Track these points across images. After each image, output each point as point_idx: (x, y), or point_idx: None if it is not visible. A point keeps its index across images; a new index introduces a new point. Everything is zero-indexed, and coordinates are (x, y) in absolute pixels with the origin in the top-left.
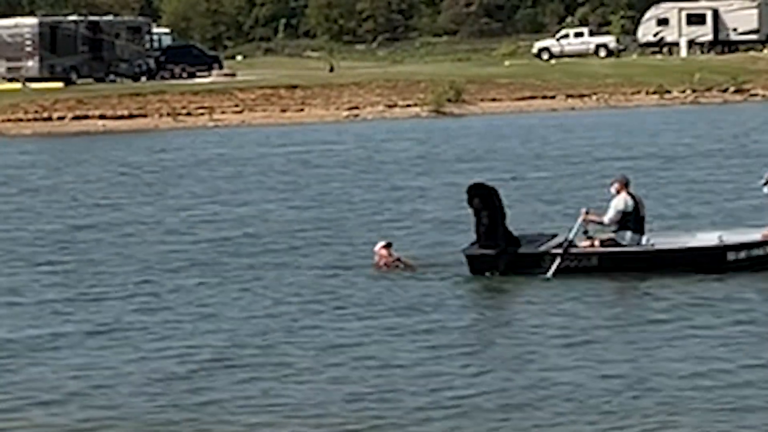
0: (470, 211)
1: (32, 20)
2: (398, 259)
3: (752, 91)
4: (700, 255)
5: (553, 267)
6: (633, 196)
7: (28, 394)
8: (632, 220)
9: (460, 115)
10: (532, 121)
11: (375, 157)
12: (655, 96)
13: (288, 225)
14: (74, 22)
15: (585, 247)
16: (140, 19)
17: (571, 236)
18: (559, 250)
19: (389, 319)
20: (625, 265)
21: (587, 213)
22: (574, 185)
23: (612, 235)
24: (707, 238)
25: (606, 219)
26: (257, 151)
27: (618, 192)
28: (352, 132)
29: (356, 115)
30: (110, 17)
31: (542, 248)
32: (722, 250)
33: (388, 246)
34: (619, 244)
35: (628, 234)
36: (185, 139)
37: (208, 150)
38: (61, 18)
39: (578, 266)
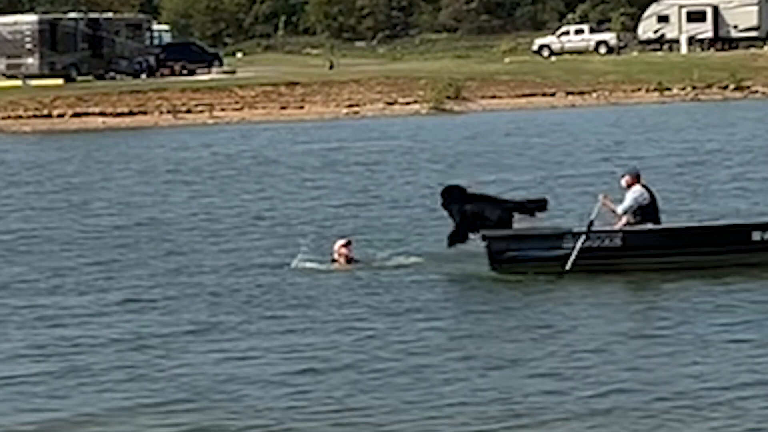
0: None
1: (32, 17)
2: (356, 260)
3: (752, 89)
4: (725, 234)
5: (575, 250)
6: (647, 188)
7: (128, 397)
8: (650, 212)
9: (460, 113)
10: (557, 117)
11: (412, 154)
12: (656, 93)
13: (333, 224)
14: (74, 19)
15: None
16: (140, 16)
17: (592, 217)
18: (582, 229)
19: (423, 323)
20: (650, 244)
21: (605, 197)
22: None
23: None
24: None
25: (620, 208)
26: (285, 149)
27: (629, 185)
28: (372, 128)
29: (356, 113)
30: (110, 14)
31: (563, 228)
32: (747, 228)
33: (347, 244)
34: None
35: (648, 226)
36: (203, 137)
37: (233, 147)
38: (61, 15)
39: (601, 246)
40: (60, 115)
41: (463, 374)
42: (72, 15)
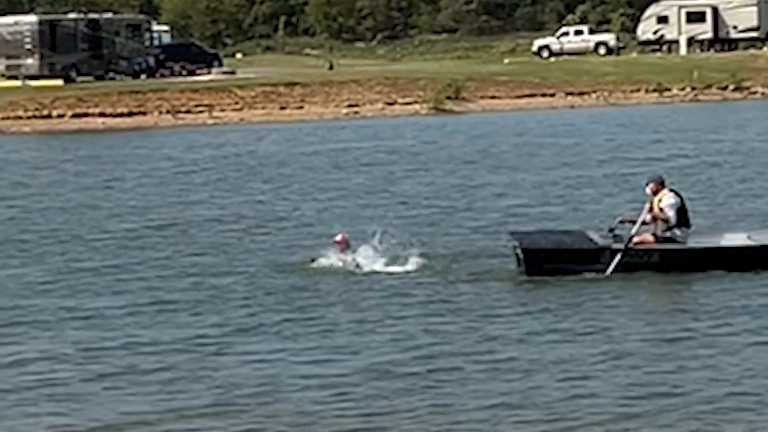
0: None
1: (32, 18)
2: (351, 251)
3: (752, 89)
4: (765, 253)
5: (612, 265)
6: (675, 192)
7: (164, 400)
8: (683, 214)
9: (460, 113)
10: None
11: (447, 153)
12: (655, 94)
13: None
14: (74, 19)
15: (644, 243)
16: (140, 16)
17: (633, 231)
18: (621, 246)
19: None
20: (688, 263)
21: (651, 212)
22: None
23: (667, 233)
24: (735, 238)
25: (672, 218)
26: (302, 149)
27: (654, 192)
28: (391, 129)
29: (356, 113)
30: (110, 15)
31: (601, 244)
32: None
33: (342, 239)
34: (675, 241)
35: (683, 229)
36: (209, 137)
37: (248, 147)
38: (60, 16)
39: (639, 263)
40: (60, 116)
41: (495, 377)
42: (72, 16)
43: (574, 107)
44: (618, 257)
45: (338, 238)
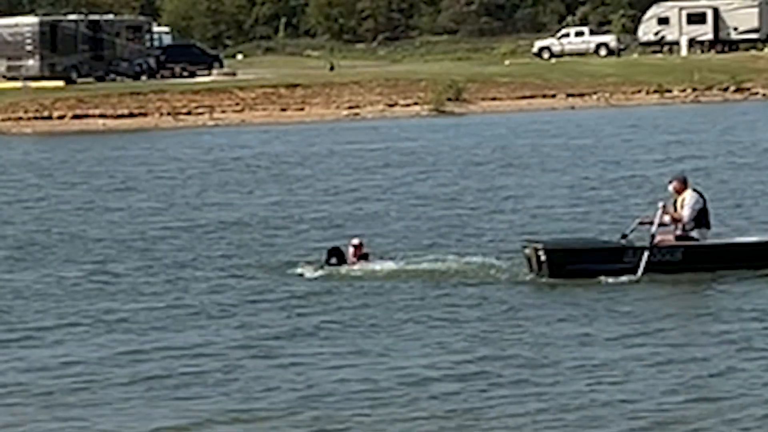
0: None
1: (33, 19)
2: (365, 256)
3: (753, 90)
4: None
5: (642, 264)
6: (699, 193)
7: (211, 406)
8: (703, 216)
9: (461, 115)
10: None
11: (478, 154)
12: (656, 95)
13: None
14: (74, 21)
15: (667, 241)
16: (141, 18)
17: (653, 230)
18: (645, 244)
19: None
20: (713, 258)
21: (664, 207)
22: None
23: (685, 233)
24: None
25: (686, 217)
26: (323, 149)
27: (678, 191)
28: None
29: (356, 114)
30: (111, 16)
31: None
32: None
33: (360, 244)
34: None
35: (703, 231)
36: (213, 139)
37: (265, 147)
38: (61, 17)
39: (662, 260)
40: (60, 117)
41: (528, 382)
42: (72, 17)
43: (574, 108)
44: (646, 255)
45: (355, 241)
